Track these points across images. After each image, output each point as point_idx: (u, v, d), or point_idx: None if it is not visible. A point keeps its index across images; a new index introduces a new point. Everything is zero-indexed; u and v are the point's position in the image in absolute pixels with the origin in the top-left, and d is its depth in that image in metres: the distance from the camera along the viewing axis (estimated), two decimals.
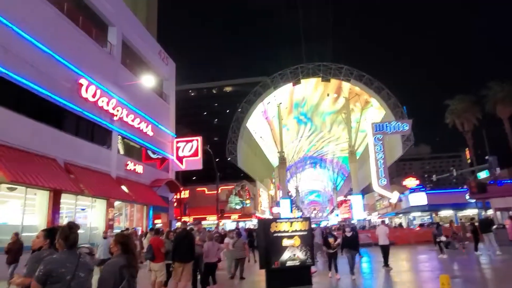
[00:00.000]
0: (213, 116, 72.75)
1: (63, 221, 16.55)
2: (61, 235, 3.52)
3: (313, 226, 14.04)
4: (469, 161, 40.27)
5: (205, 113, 73.70)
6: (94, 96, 18.02)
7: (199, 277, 9.88)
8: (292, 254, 9.83)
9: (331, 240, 11.37)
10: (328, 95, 45.15)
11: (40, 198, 14.79)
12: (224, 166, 45.22)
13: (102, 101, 18.68)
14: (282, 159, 43.30)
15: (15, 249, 10.21)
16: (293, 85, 42.64)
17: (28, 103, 14.32)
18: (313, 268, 11.19)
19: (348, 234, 11.62)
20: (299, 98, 46.34)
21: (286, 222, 10.37)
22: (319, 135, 55.13)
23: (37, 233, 4.81)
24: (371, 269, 13.78)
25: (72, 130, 16.89)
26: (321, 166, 71.22)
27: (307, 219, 11.33)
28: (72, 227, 3.64)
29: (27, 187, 13.64)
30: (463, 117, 37.81)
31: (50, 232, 3.69)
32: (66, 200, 16.12)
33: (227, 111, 61.48)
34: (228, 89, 78.40)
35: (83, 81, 17.25)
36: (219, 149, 42.12)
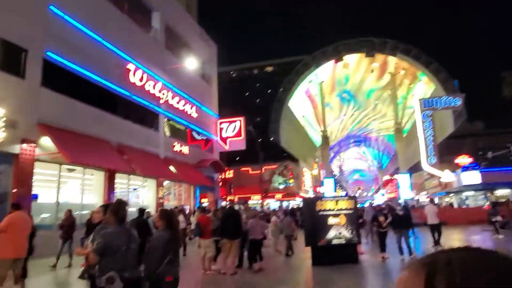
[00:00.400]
0: (255, 97, 72.83)
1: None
2: (112, 211, 3.85)
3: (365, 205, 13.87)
4: None
5: (247, 93, 73.96)
6: (141, 80, 18.73)
7: (245, 253, 10.19)
8: (338, 232, 9.84)
9: (381, 219, 11.06)
10: (372, 71, 43.41)
11: (96, 178, 15.84)
12: (267, 146, 45.47)
13: (149, 85, 19.38)
14: (325, 138, 42.72)
15: (68, 225, 10.65)
16: (335, 62, 41.41)
17: (84, 90, 15.17)
18: (361, 248, 11.15)
19: (400, 213, 11.17)
20: (341, 75, 45.02)
21: (331, 200, 10.35)
22: (363, 113, 53.50)
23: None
24: (420, 249, 13.45)
25: (123, 114, 17.72)
26: (365, 144, 69.51)
27: (353, 197, 11.22)
28: (121, 203, 3.98)
29: (85, 167, 14.65)
30: None
31: (107, 207, 4.01)
32: (120, 180, 17.12)
33: (269, 91, 61.26)
34: (269, 69, 77.81)
35: (130, 66, 17.95)
36: (262, 129, 42.31)
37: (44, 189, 13.38)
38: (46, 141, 12.83)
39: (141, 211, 9.73)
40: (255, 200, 38.45)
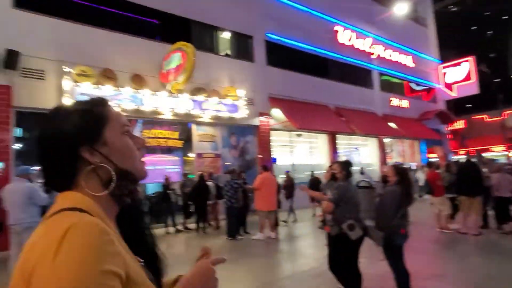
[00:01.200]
0: (484, 29, 60.15)
1: (341, 159, 18.56)
2: (344, 168, 4.35)
3: None
4: None
5: (473, 27, 61.92)
6: (350, 39, 18.66)
7: (490, 212, 8.92)
8: None
9: None
10: None
11: (320, 141, 17.15)
12: (506, 86, 37.22)
13: (358, 43, 19.09)
14: None
15: (288, 185, 11.82)
16: None
17: (300, 61, 16.45)
18: None
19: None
20: None
21: None
22: None
23: (322, 170, 5.90)
24: None
25: (337, 77, 18.25)
26: None
27: None
28: (348, 162, 4.50)
29: (310, 132, 16.08)
30: None
31: (344, 164, 4.41)
32: (341, 141, 17.92)
33: (504, 17, 49.14)
34: None
35: (338, 27, 18.12)
36: (497, 66, 34.73)
37: (280, 153, 15.54)
38: (277, 112, 14.76)
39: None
40: (496, 152, 32.52)
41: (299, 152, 16.64)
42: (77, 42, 10.05)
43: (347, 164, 4.41)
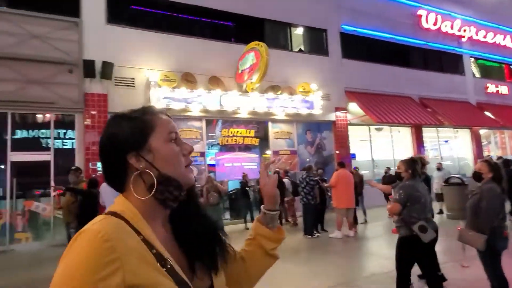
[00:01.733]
0: None
1: (428, 154, 17.22)
2: (407, 166, 4.11)
3: None
4: None
5: None
6: (435, 23, 17.18)
7: None
8: None
9: None
10: None
11: (404, 134, 16.11)
12: None
13: (445, 26, 17.49)
14: None
15: (357, 181, 11.31)
16: None
17: (378, 51, 15.65)
18: None
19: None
20: None
21: None
22: None
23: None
24: None
25: (420, 65, 16.97)
26: None
27: None
28: (415, 160, 4.17)
29: (391, 125, 15.19)
30: None
31: (409, 162, 4.12)
32: (428, 134, 16.62)
33: None
34: None
35: (421, 11, 16.81)
36: None
37: (359, 148, 14.98)
38: (354, 106, 14.25)
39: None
40: None
41: (381, 147, 15.85)
42: (161, 50, 10.87)
43: (412, 162, 4.12)
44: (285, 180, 10.69)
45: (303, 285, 5.32)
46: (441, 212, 11.16)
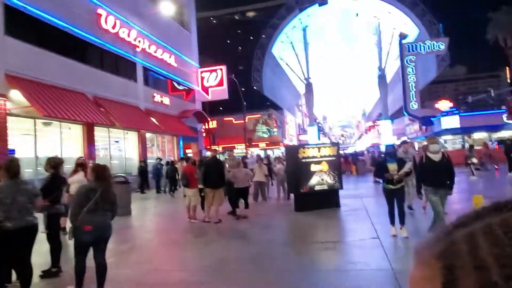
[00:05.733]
0: (237, 44, 70.57)
1: (100, 153, 17.36)
2: (3, 168, 4.34)
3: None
4: (509, 80, 37.88)
5: (228, 41, 71.53)
6: (114, 27, 17.65)
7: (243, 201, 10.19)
8: (320, 179, 9.97)
9: (391, 166, 6.59)
10: (357, 15, 42.13)
11: (74, 132, 15.41)
12: (250, 95, 44.89)
13: (123, 32, 18.33)
14: (308, 86, 42.29)
15: None
16: (320, 5, 39.88)
17: (52, 38, 14.24)
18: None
19: (435, 157, 6.28)
20: (326, 20, 43.64)
21: (314, 147, 10.38)
22: (347, 58, 52.81)
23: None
24: None
25: (97, 64, 16.89)
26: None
27: (336, 144, 11.27)
28: (13, 160, 4.48)
29: (61, 121, 14.14)
30: (507, 31, 34.77)
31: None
32: (100, 133, 16.73)
33: (251, 37, 59.26)
34: (251, 14, 74.78)
35: (101, 11, 16.80)
36: (245, 78, 41.45)
37: (21, 143, 12.96)
38: (17, 94, 12.21)
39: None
40: (239, 149, 38.65)
41: (48, 143, 14.40)
42: None
43: (7, 164, 4.34)
44: None
45: None
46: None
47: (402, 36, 33.30)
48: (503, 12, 35.09)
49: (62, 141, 14.78)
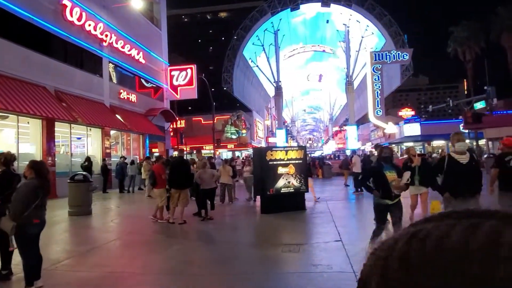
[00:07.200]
0: (208, 44, 70.07)
1: (60, 149, 16.62)
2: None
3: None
4: (466, 92, 40.01)
5: (199, 40, 70.88)
6: (79, 19, 16.97)
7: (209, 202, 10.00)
8: (287, 181, 10.04)
9: (391, 176, 5.33)
10: (327, 21, 43.06)
11: (33, 127, 14.65)
12: (220, 96, 44.68)
13: (89, 25, 17.66)
14: (278, 89, 42.67)
15: None
16: (291, 10, 40.42)
17: (14, 28, 13.50)
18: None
19: (463, 159, 5.04)
20: (297, 25, 44.29)
21: (281, 150, 10.44)
22: (316, 63, 53.82)
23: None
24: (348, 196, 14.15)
25: (60, 56, 16.18)
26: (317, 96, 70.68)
27: (303, 147, 11.40)
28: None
29: (18, 115, 13.40)
30: (466, 46, 36.70)
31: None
32: (61, 129, 16.02)
33: (223, 38, 59.02)
34: (223, 14, 74.54)
35: (66, 2, 16.11)
36: (215, 78, 41.21)
37: None
38: None
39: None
40: (207, 150, 38.30)
41: (3, 139, 13.63)
42: None
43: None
44: None
45: None
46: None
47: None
48: (463, 27, 37.00)
49: (19, 136, 14.02)
